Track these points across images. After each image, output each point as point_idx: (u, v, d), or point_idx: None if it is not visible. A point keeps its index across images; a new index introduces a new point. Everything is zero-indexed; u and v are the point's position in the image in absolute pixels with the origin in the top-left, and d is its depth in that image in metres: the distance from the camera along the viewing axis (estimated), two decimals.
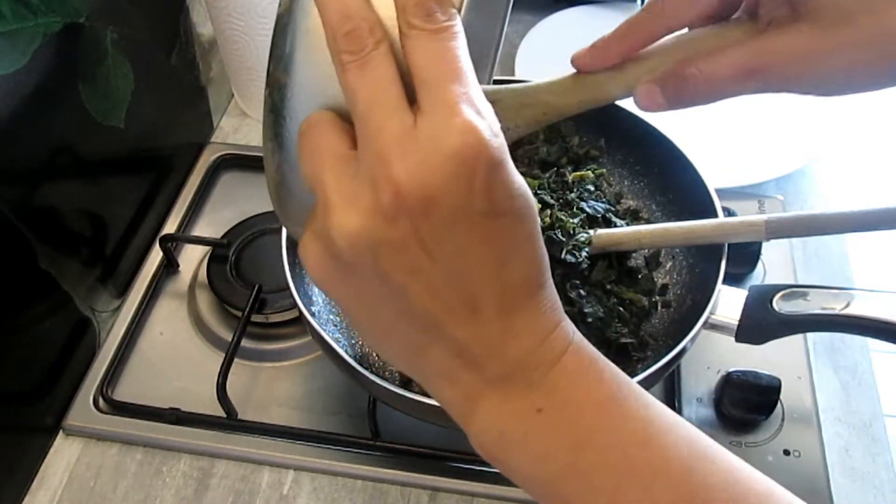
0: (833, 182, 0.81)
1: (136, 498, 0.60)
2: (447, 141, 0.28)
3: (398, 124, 0.28)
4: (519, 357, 0.32)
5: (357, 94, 0.29)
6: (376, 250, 0.29)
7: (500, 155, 0.28)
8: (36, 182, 0.59)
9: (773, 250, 0.72)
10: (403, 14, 0.29)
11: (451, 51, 0.29)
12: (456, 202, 0.28)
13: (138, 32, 0.70)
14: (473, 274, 0.30)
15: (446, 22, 0.29)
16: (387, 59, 0.29)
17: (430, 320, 0.31)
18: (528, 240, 0.31)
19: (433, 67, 0.28)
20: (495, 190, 0.29)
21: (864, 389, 0.65)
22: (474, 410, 0.33)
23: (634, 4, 1.00)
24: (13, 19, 0.54)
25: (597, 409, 0.32)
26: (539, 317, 0.32)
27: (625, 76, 0.39)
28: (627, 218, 0.67)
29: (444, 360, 0.32)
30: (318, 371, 0.66)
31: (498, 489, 0.58)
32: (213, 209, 0.80)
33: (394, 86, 0.29)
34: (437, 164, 0.28)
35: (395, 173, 0.28)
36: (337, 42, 0.29)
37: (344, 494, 0.60)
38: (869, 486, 0.60)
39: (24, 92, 0.56)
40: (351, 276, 0.31)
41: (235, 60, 0.83)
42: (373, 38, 0.29)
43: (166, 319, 0.71)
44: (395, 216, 0.28)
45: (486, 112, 0.29)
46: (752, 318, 0.54)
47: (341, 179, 0.30)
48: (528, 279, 0.31)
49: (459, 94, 0.28)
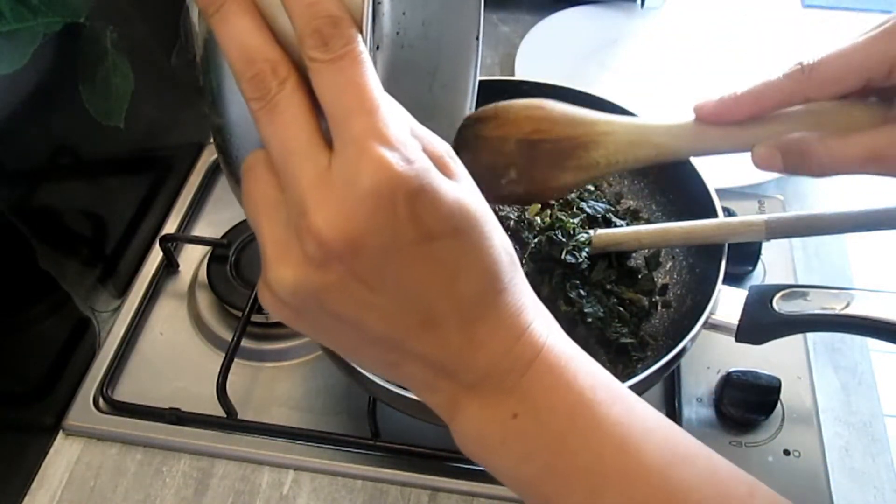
0: (833, 182, 0.81)
1: (136, 498, 0.60)
2: (360, 181, 0.27)
3: (311, 169, 0.28)
4: (488, 365, 0.32)
5: (270, 140, 0.29)
6: (318, 296, 0.29)
7: (418, 183, 0.28)
8: (36, 182, 0.59)
9: (773, 250, 0.72)
10: (303, 46, 0.28)
11: (353, 80, 0.28)
12: (383, 238, 0.28)
13: (138, 32, 0.70)
14: (423, 296, 0.30)
15: (344, 48, 0.28)
16: (294, 98, 0.28)
17: (393, 343, 0.31)
18: (473, 252, 0.30)
19: (337, 101, 0.28)
20: (422, 217, 0.28)
21: (864, 389, 0.65)
22: (456, 414, 0.33)
23: (634, 4, 1.00)
24: (13, 19, 0.54)
25: (571, 412, 0.32)
26: (502, 324, 0.32)
27: (746, 135, 0.39)
28: (627, 218, 0.67)
29: (418, 373, 0.32)
30: (318, 371, 0.66)
31: (498, 489, 0.58)
32: (213, 209, 0.80)
33: (304, 128, 0.28)
34: (356, 207, 0.27)
35: (314, 223, 0.27)
36: (244, 89, 0.29)
37: (344, 494, 0.60)
38: (869, 486, 0.60)
39: (24, 92, 0.56)
40: (304, 316, 0.31)
41: None
42: (276, 80, 0.28)
43: (166, 319, 0.71)
44: (325, 263, 0.28)
45: (397, 140, 0.28)
46: (752, 318, 0.54)
47: (273, 228, 0.30)
48: (483, 290, 0.31)
49: (366, 128, 0.27)
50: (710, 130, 0.39)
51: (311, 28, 0.28)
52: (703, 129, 0.39)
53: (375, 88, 0.28)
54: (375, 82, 0.28)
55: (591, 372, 0.33)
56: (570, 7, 0.98)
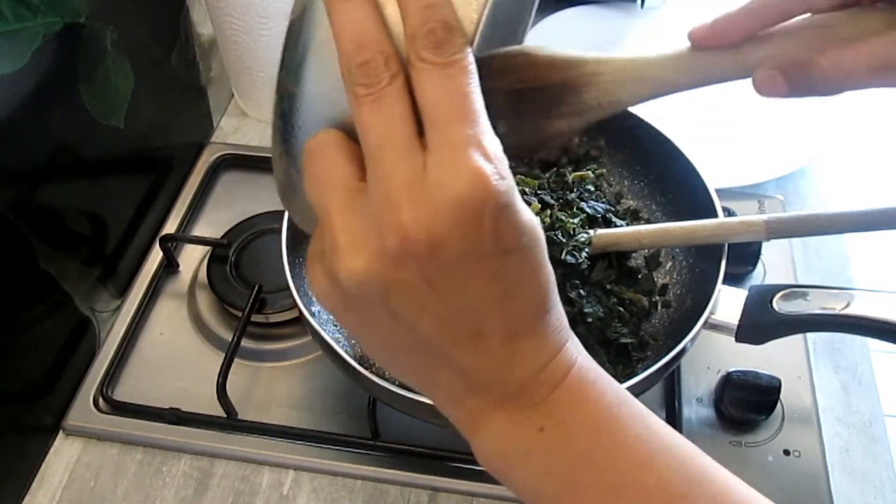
0: (833, 182, 0.81)
1: (136, 498, 0.60)
2: (454, 188, 0.27)
3: (408, 168, 0.28)
4: (523, 380, 0.32)
5: (369, 130, 0.29)
6: (384, 292, 0.30)
7: (506, 199, 0.28)
8: (36, 182, 0.59)
9: (773, 250, 0.72)
10: (412, 44, 0.28)
11: (460, 88, 0.28)
12: (463, 246, 0.28)
13: (138, 32, 0.70)
14: (480, 307, 0.30)
15: (455, 55, 0.28)
16: (401, 96, 0.29)
17: (436, 349, 0.31)
18: (534, 271, 0.31)
19: (442, 106, 0.28)
20: (502, 232, 0.29)
21: (864, 389, 0.65)
22: (479, 428, 0.33)
23: (634, 4, 1.00)
24: (13, 19, 0.54)
25: (596, 430, 0.32)
26: (544, 342, 0.32)
27: (745, 57, 0.36)
28: (627, 218, 0.67)
29: (450, 383, 0.33)
30: (318, 371, 0.66)
31: (498, 489, 0.58)
32: (213, 209, 0.80)
33: (406, 126, 0.28)
34: (444, 211, 0.28)
35: (402, 220, 0.28)
36: (351, 72, 0.28)
37: (344, 494, 0.60)
38: (869, 486, 0.60)
39: (24, 92, 0.56)
40: (359, 309, 0.31)
41: (235, 60, 0.83)
42: (388, 72, 0.28)
43: (166, 319, 0.71)
44: (401, 260, 0.28)
45: (494, 154, 0.28)
46: (752, 318, 0.54)
47: (348, 217, 0.29)
48: (534, 308, 0.32)
49: (467, 136, 0.28)
50: (706, 57, 0.37)
51: (427, 28, 0.28)
52: (698, 57, 0.37)
53: (479, 100, 0.29)
54: (479, 95, 0.29)
55: (616, 391, 0.33)
56: (569, 7, 0.98)
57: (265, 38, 0.78)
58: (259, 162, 0.83)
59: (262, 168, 0.82)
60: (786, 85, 0.35)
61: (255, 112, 0.89)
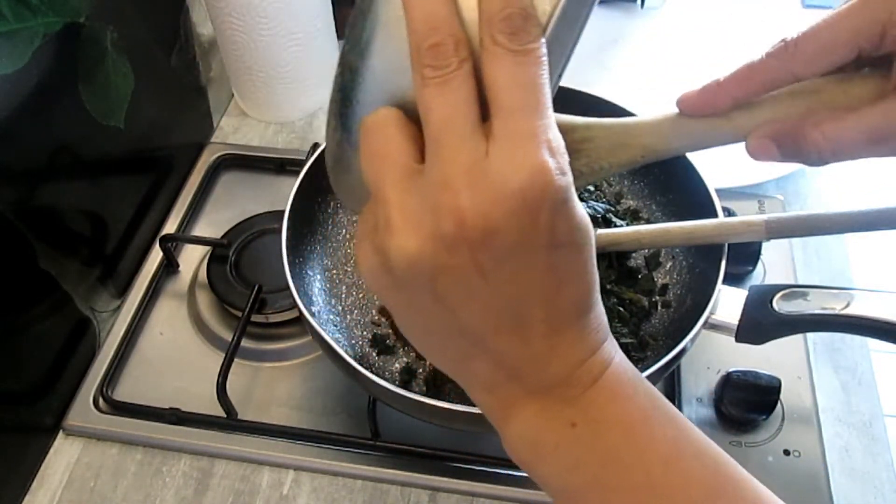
0: (833, 182, 0.81)
1: (136, 498, 0.60)
2: (516, 178, 0.27)
3: (469, 153, 0.28)
4: (560, 374, 0.32)
5: (433, 112, 0.29)
6: (434, 275, 0.29)
7: (565, 194, 0.28)
8: (36, 182, 0.59)
9: (773, 250, 0.72)
10: (488, 26, 0.28)
11: (532, 78, 0.28)
12: (517, 237, 0.28)
13: (138, 32, 0.70)
14: (527, 298, 0.30)
15: (531, 44, 0.28)
16: (468, 81, 0.28)
17: (478, 336, 0.31)
18: (582, 268, 0.31)
19: (512, 94, 0.28)
20: (557, 226, 0.29)
21: (864, 389, 0.65)
22: (510, 417, 0.33)
23: (634, 4, 1.00)
24: (13, 19, 0.54)
25: (627, 428, 0.32)
26: (584, 338, 0.32)
27: (734, 124, 0.36)
28: (627, 218, 0.67)
29: (486, 371, 0.33)
30: (318, 371, 0.66)
31: (498, 489, 0.58)
32: (213, 209, 0.80)
33: (471, 110, 0.28)
34: (503, 200, 0.28)
35: (460, 205, 0.28)
36: (420, 53, 0.28)
37: (344, 494, 0.60)
38: (869, 486, 0.60)
39: (24, 92, 0.56)
40: (405, 289, 0.31)
41: (235, 60, 0.83)
42: (457, 57, 0.28)
43: (166, 319, 0.71)
44: (455, 245, 0.28)
45: (557, 149, 0.28)
46: (752, 318, 0.54)
47: (404, 197, 0.29)
48: (579, 304, 0.32)
49: (535, 128, 0.28)
50: (695, 123, 0.37)
51: (505, 14, 0.28)
52: (688, 123, 0.37)
53: (549, 93, 0.28)
54: (549, 88, 0.29)
55: (650, 393, 0.33)
56: None
57: (265, 38, 0.78)
58: (259, 162, 0.83)
59: (263, 168, 0.82)
60: (778, 153, 0.35)
61: (255, 112, 0.89)
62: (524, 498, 0.58)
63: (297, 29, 0.79)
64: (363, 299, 0.65)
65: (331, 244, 0.67)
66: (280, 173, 0.82)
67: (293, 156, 0.81)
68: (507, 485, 0.58)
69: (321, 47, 0.83)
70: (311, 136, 0.86)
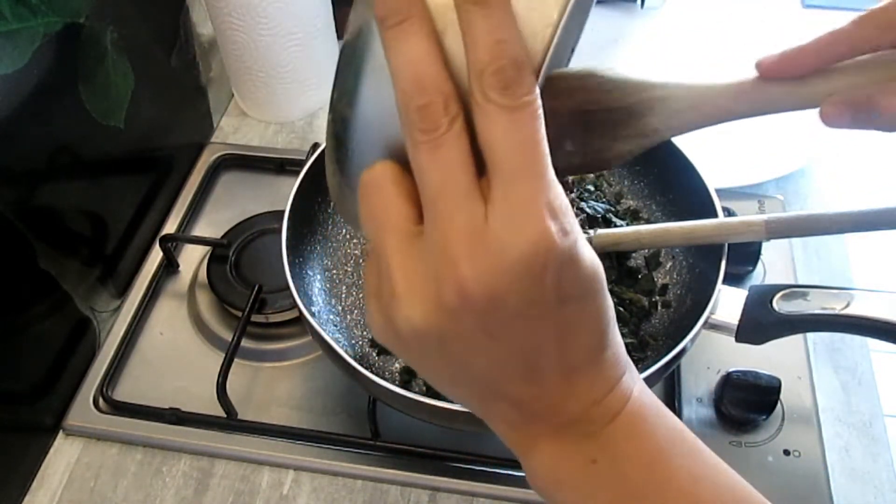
0: (833, 182, 0.81)
1: (136, 498, 0.60)
2: (517, 245, 0.27)
3: (467, 219, 0.27)
4: (578, 413, 0.32)
5: (427, 175, 0.28)
6: (441, 340, 0.29)
7: (569, 254, 0.28)
8: (36, 182, 0.59)
9: (773, 250, 0.72)
10: (479, 82, 0.27)
11: (529, 136, 0.27)
12: (523, 301, 0.28)
13: (138, 32, 0.70)
14: (537, 350, 0.30)
15: (526, 97, 0.27)
16: (460, 141, 0.27)
17: (491, 385, 0.31)
18: (593, 314, 0.30)
19: (509, 155, 0.27)
20: (564, 283, 0.28)
21: (864, 389, 0.65)
22: (532, 451, 0.33)
23: (634, 4, 1.00)
24: (13, 19, 0.54)
25: (648, 465, 0.32)
26: (601, 377, 0.32)
27: (810, 90, 0.36)
28: (627, 218, 0.67)
29: (505, 411, 0.33)
30: (318, 371, 0.66)
31: (498, 489, 0.58)
32: (213, 209, 0.80)
33: (465, 173, 0.27)
34: (505, 268, 0.27)
35: (461, 275, 0.27)
36: (409, 114, 0.27)
37: (344, 494, 0.60)
38: (869, 486, 0.60)
39: (24, 92, 0.56)
40: (414, 350, 0.31)
41: (235, 60, 0.83)
42: (447, 117, 0.27)
43: (166, 319, 0.71)
44: (459, 313, 0.28)
45: (559, 208, 0.27)
46: (752, 318, 0.54)
47: (406, 261, 0.29)
48: (591, 348, 0.31)
49: (535, 192, 0.27)
50: (771, 87, 0.37)
51: (496, 66, 0.26)
52: (764, 87, 0.37)
53: (546, 150, 0.27)
54: (545, 142, 0.27)
55: (670, 426, 0.33)
56: None
57: (265, 38, 0.78)
58: (259, 162, 0.83)
59: (262, 168, 0.82)
60: (851, 120, 0.35)
61: (255, 112, 0.89)
62: (524, 498, 0.58)
63: (297, 29, 0.79)
64: (363, 299, 0.65)
65: (331, 244, 0.67)
66: (280, 173, 0.82)
67: (293, 156, 0.81)
68: (507, 485, 0.58)
69: (321, 47, 0.83)
70: (311, 136, 0.86)
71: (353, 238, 0.68)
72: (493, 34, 0.26)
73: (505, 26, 0.27)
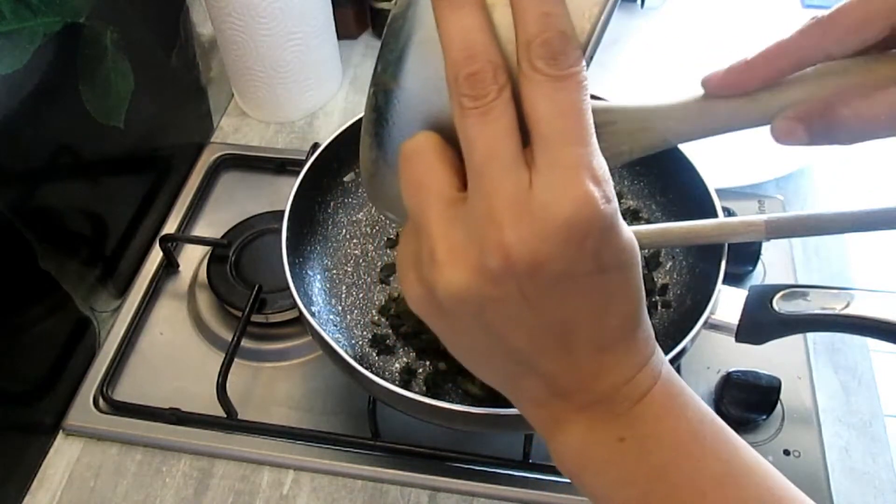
0: (833, 182, 0.81)
1: (136, 498, 0.60)
2: (561, 210, 0.27)
3: (513, 185, 0.27)
4: (607, 391, 0.32)
5: (474, 142, 0.28)
6: (481, 306, 0.29)
7: (610, 221, 0.28)
8: (36, 182, 0.59)
9: (773, 250, 0.72)
10: (526, 52, 0.27)
11: (574, 105, 0.27)
12: (564, 267, 0.28)
13: (138, 32, 0.70)
14: (574, 321, 0.30)
15: (572, 68, 0.27)
16: (509, 109, 0.28)
17: (524, 358, 0.31)
18: (629, 287, 0.31)
19: (555, 122, 0.27)
20: (603, 252, 0.28)
21: (864, 389, 0.65)
22: (558, 430, 0.33)
23: (634, 4, 1.00)
24: (13, 19, 0.54)
25: (677, 445, 0.32)
26: (630, 356, 0.32)
27: (761, 106, 0.35)
28: (627, 218, 0.67)
29: (534, 388, 0.33)
30: (318, 371, 0.66)
31: (498, 489, 0.58)
32: (213, 209, 0.80)
33: (512, 140, 0.28)
34: (549, 233, 0.27)
35: (505, 239, 0.27)
36: (458, 82, 0.28)
37: (344, 494, 0.60)
38: (869, 486, 0.60)
39: (24, 92, 0.56)
40: (451, 317, 0.31)
41: (235, 60, 0.83)
42: (496, 85, 0.27)
43: (166, 319, 0.71)
44: (502, 278, 0.28)
45: (602, 176, 0.28)
46: (752, 318, 0.54)
47: (448, 228, 0.29)
48: (624, 323, 0.31)
49: (579, 158, 0.27)
50: (720, 105, 0.35)
51: (544, 38, 0.27)
52: (712, 105, 0.36)
53: (591, 119, 0.28)
54: (591, 113, 0.28)
55: (698, 408, 0.33)
56: None
57: (265, 38, 0.78)
58: (259, 162, 0.83)
59: (263, 168, 0.82)
60: (806, 135, 0.34)
61: (255, 112, 0.89)
62: (524, 498, 0.58)
63: (297, 29, 0.79)
64: (363, 299, 0.65)
65: (331, 244, 0.67)
66: (280, 173, 0.82)
67: (293, 156, 0.81)
68: (507, 485, 0.58)
69: (321, 47, 0.83)
70: (311, 136, 0.86)
71: (353, 238, 0.68)
72: (542, 6, 0.27)
73: (553, 1, 0.27)
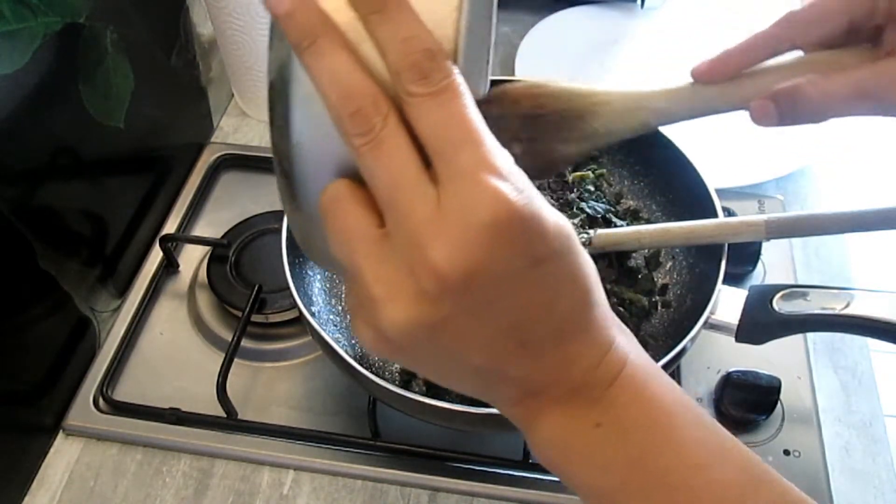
0: (833, 182, 0.81)
1: (136, 498, 0.60)
2: (475, 215, 0.27)
3: (423, 205, 0.27)
4: (578, 378, 0.32)
5: (377, 176, 0.28)
6: (430, 331, 0.29)
7: (530, 210, 0.28)
8: (36, 182, 0.59)
9: (773, 250, 0.72)
10: (398, 79, 0.28)
11: (457, 112, 0.28)
12: (496, 269, 0.28)
13: (138, 32, 0.70)
14: (524, 321, 0.30)
15: (444, 81, 0.28)
16: (398, 132, 0.28)
17: (490, 367, 0.31)
18: (572, 271, 0.30)
19: (443, 134, 0.27)
20: (532, 244, 0.28)
21: (864, 389, 0.65)
22: (537, 424, 0.33)
23: (634, 4, 1.00)
24: (13, 19, 0.54)
25: (650, 428, 0.32)
26: (593, 339, 0.32)
27: (740, 90, 0.40)
28: (627, 218, 0.67)
29: (507, 392, 0.33)
30: (318, 371, 0.66)
31: (498, 489, 0.58)
32: (213, 209, 0.80)
33: (411, 162, 0.28)
34: (472, 240, 0.27)
35: (432, 258, 0.27)
36: (344, 124, 0.28)
37: (344, 494, 0.60)
38: (869, 486, 0.60)
39: (24, 92, 0.56)
40: (409, 350, 0.31)
41: (235, 60, 0.83)
42: (379, 116, 0.28)
43: (166, 319, 0.71)
44: (440, 299, 0.28)
45: (507, 169, 0.28)
46: (752, 318, 0.54)
47: (378, 266, 0.29)
48: (579, 307, 0.31)
49: (477, 160, 0.27)
50: (705, 90, 0.41)
51: (409, 62, 0.27)
52: (698, 90, 0.41)
53: (478, 119, 0.28)
54: (477, 113, 0.28)
55: (672, 389, 0.33)
56: (570, 7, 0.98)
57: (265, 38, 0.78)
58: (259, 162, 0.83)
59: (262, 168, 0.82)
60: (777, 113, 0.39)
61: (255, 112, 0.89)
62: (524, 498, 0.58)
63: None
64: None
65: None
66: None
67: None
68: (507, 485, 0.58)
69: None
70: None
71: None
72: (399, 34, 0.28)
73: (407, 24, 0.28)
